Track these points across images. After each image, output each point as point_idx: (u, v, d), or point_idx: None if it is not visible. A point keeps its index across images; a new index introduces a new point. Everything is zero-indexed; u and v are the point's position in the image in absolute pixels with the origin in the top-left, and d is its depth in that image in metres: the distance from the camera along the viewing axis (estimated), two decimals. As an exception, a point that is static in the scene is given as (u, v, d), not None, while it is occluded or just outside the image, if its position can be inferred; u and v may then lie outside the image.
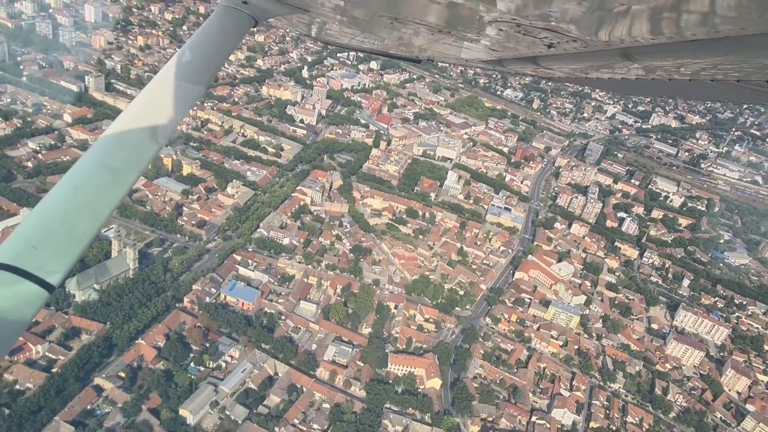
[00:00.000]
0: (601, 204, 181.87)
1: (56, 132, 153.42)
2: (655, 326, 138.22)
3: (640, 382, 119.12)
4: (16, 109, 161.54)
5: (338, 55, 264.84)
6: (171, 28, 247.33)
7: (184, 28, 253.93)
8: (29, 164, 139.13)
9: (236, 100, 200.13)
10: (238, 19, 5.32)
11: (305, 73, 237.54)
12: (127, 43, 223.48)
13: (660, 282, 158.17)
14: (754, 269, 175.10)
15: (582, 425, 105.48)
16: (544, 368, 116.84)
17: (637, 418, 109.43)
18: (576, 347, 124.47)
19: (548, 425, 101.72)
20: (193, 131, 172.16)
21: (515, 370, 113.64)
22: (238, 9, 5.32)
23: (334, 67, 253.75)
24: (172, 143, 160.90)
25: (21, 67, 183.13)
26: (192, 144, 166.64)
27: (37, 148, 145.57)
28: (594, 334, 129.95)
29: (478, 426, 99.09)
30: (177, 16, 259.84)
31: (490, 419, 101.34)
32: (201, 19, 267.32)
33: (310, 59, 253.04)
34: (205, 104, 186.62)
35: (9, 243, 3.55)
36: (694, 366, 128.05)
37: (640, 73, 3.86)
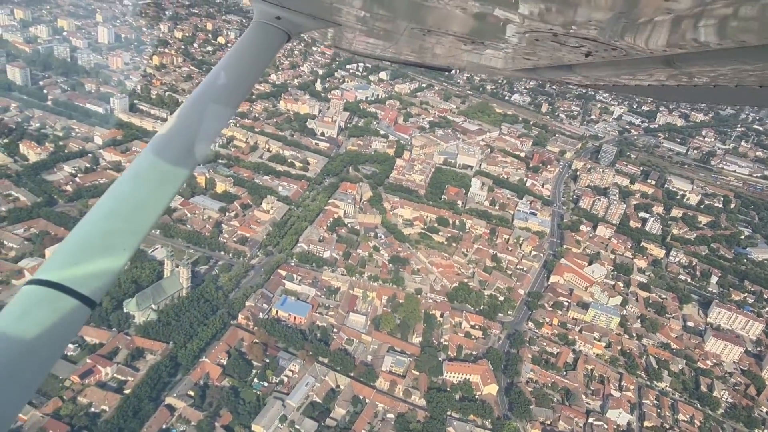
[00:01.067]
0: (624, 205, 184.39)
1: (90, 155, 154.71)
2: (690, 324, 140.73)
3: (685, 380, 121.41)
4: (47, 133, 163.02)
5: (347, 66, 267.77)
6: (183, 47, 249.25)
7: (195, 45, 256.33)
8: (68, 188, 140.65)
9: (256, 115, 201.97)
10: (271, 35, 5.49)
11: (318, 86, 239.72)
12: (143, 63, 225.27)
13: (689, 280, 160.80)
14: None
15: (636, 425, 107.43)
16: (592, 370, 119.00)
17: (687, 416, 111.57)
18: (619, 348, 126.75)
19: (605, 426, 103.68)
20: (221, 148, 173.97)
21: (565, 373, 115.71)
22: (272, 25, 5.50)
23: (346, 79, 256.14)
24: (209, 162, 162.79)
25: (45, 91, 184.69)
26: (221, 161, 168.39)
27: (73, 172, 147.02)
28: (634, 334, 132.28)
29: (538, 429, 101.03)
30: (187, 34, 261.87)
31: (548, 422, 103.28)
32: (210, 36, 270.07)
33: (320, 72, 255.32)
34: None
35: (51, 260, 3.66)
36: (734, 362, 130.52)
37: (682, 80, 3.77)
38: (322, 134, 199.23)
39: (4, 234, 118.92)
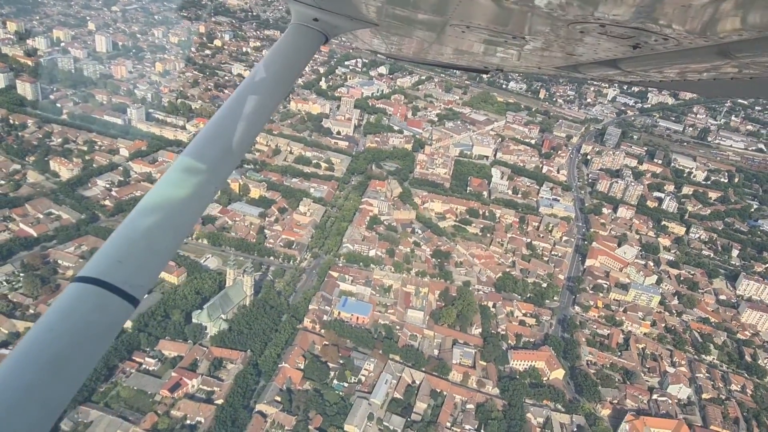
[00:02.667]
0: (642, 186, 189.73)
1: (120, 168, 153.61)
2: (722, 297, 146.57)
3: (729, 352, 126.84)
4: (71, 148, 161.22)
5: (346, 63, 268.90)
6: (181, 51, 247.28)
7: (193, 49, 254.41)
8: (107, 202, 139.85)
9: (271, 118, 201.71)
10: (309, 37, 5.60)
11: (323, 84, 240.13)
12: (147, 71, 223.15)
13: (712, 255, 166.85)
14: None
15: (695, 398, 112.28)
16: (643, 348, 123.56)
17: (739, 386, 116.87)
18: (663, 325, 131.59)
19: (669, 401, 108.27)
20: (246, 153, 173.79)
21: (620, 354, 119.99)
22: (309, 26, 5.59)
23: (348, 76, 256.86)
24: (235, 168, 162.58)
25: (58, 105, 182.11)
26: (247, 166, 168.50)
27: (108, 186, 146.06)
28: (674, 311, 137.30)
29: (609, 409, 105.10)
30: (182, 38, 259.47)
31: (616, 401, 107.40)
32: (204, 39, 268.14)
33: (321, 70, 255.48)
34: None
35: (96, 258, 3.76)
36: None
37: (735, 73, 3.54)
38: (338, 133, 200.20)
39: (57, 254, 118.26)
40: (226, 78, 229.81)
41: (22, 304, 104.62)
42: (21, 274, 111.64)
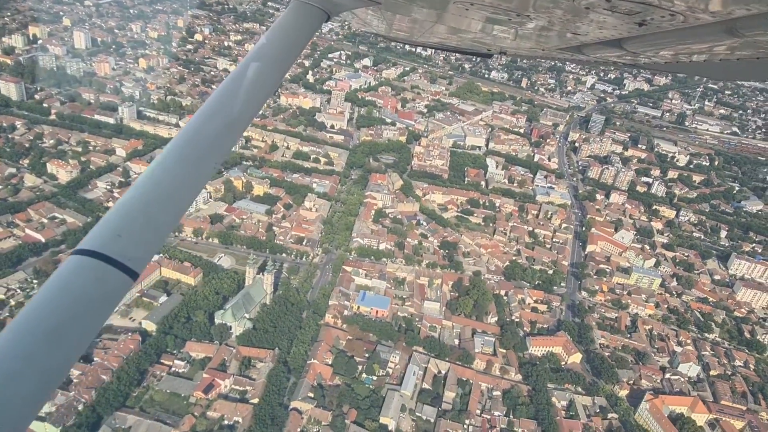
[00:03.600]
0: (632, 172, 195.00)
1: (119, 168, 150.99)
2: (717, 277, 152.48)
3: (730, 329, 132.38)
4: (65, 149, 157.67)
5: (330, 55, 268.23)
6: (162, 46, 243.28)
7: (174, 44, 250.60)
8: (110, 204, 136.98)
9: (263, 113, 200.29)
10: (311, 14, 5.52)
11: (310, 77, 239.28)
12: (130, 68, 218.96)
13: (702, 237, 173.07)
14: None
15: (703, 375, 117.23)
16: (650, 329, 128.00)
17: (742, 361, 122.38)
18: (666, 306, 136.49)
19: (681, 379, 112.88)
20: (244, 150, 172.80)
21: (629, 336, 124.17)
22: (311, 4, 5.53)
23: (333, 69, 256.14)
24: (235, 166, 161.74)
25: (45, 105, 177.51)
26: (246, 163, 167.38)
27: (108, 187, 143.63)
28: (674, 293, 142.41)
29: (626, 390, 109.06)
30: (161, 33, 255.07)
31: (631, 382, 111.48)
32: (184, 33, 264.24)
33: (306, 63, 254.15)
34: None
35: (95, 231, 3.77)
36: (763, 308, 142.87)
37: (741, 53, 3.39)
38: (332, 127, 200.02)
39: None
40: (212, 73, 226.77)
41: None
42: (35, 281, 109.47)
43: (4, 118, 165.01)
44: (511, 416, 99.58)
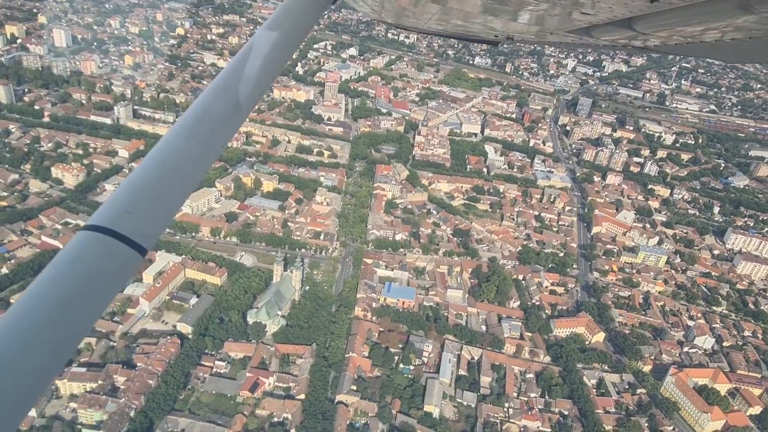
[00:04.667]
0: (626, 153, 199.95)
1: (125, 170, 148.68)
2: (716, 252, 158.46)
3: (735, 301, 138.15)
4: (65, 152, 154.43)
5: (315, 45, 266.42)
6: (145, 42, 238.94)
7: (156, 39, 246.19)
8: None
9: (259, 107, 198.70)
10: None
11: (300, 69, 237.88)
12: (117, 65, 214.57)
13: (697, 213, 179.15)
14: (755, 187, 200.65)
15: (717, 347, 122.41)
16: (662, 305, 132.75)
17: (750, 332, 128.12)
18: (674, 282, 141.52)
19: (699, 352, 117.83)
20: (246, 146, 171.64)
21: (644, 312, 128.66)
22: None
23: (321, 60, 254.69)
24: (240, 162, 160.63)
25: (36, 107, 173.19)
26: (249, 159, 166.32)
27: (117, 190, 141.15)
28: (679, 269, 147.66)
29: (649, 365, 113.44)
30: (143, 28, 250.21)
31: (652, 357, 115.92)
32: (165, 27, 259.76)
33: (294, 55, 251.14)
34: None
35: (105, 208, 3.75)
36: (762, 279, 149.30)
37: (757, 31, 3.26)
38: (329, 119, 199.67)
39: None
40: (200, 68, 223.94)
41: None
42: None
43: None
44: (546, 397, 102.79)
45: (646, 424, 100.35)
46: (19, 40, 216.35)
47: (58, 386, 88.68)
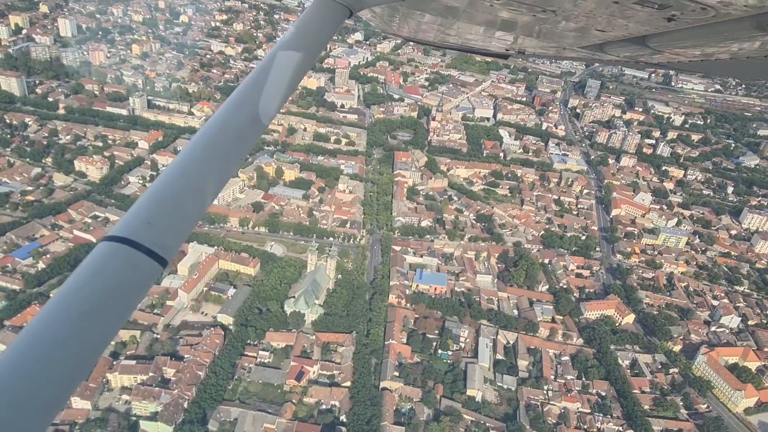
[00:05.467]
0: (639, 135, 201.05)
1: (146, 162, 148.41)
2: (733, 232, 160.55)
3: (755, 281, 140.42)
4: (84, 145, 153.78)
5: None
6: (149, 30, 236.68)
7: (161, 27, 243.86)
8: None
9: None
10: (333, 10, 5.54)
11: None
12: (126, 55, 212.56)
13: (712, 194, 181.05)
14: (766, 167, 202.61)
15: (741, 325, 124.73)
16: (686, 286, 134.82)
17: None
18: (695, 263, 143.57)
19: (726, 331, 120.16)
20: (264, 135, 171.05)
21: (669, 293, 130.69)
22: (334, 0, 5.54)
23: (329, 46, 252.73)
24: (259, 151, 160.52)
25: (50, 99, 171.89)
26: (267, 147, 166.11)
27: (141, 182, 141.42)
28: (699, 250, 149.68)
29: (680, 345, 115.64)
30: (146, 16, 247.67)
31: (681, 337, 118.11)
32: (168, 15, 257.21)
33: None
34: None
35: (126, 219, 3.78)
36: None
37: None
38: (342, 106, 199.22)
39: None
40: (208, 56, 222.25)
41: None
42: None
43: (12, 115, 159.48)
44: (583, 379, 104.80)
45: (681, 403, 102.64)
46: (24, 31, 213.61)
47: (109, 379, 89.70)
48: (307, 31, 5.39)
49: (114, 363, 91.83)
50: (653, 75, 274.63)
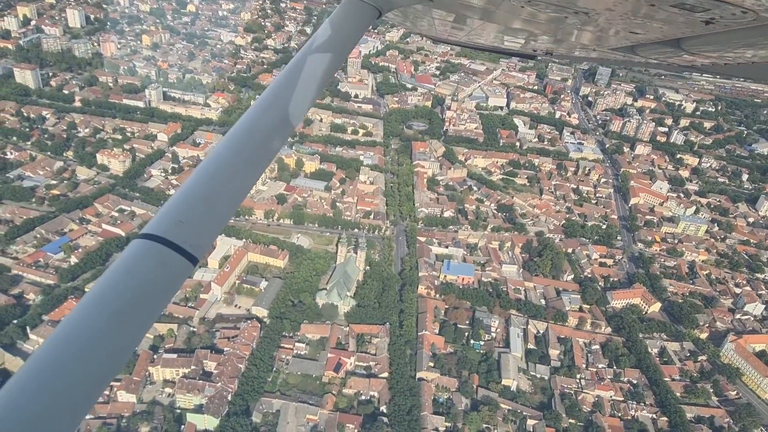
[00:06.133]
0: (653, 124, 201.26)
1: (167, 154, 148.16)
2: (750, 219, 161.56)
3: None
4: (104, 138, 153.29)
5: (326, 19, 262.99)
6: (158, 20, 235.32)
7: (168, 17, 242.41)
8: (171, 192, 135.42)
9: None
10: (362, 11, 5.56)
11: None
12: (132, 45, 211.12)
13: (727, 181, 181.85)
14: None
15: (765, 312, 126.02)
16: (708, 274, 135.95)
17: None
18: (715, 251, 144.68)
19: (751, 318, 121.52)
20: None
21: (692, 281, 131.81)
22: (363, 0, 5.54)
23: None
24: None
25: (65, 91, 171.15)
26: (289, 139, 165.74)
27: (163, 175, 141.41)
28: (718, 237, 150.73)
29: (706, 332, 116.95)
30: (153, 5, 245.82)
31: (707, 325, 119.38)
32: (174, 4, 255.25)
33: (308, 30, 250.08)
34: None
35: (158, 217, 3.90)
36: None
37: None
38: (356, 96, 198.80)
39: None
40: (218, 47, 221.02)
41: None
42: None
43: (30, 108, 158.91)
44: (615, 367, 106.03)
45: (711, 390, 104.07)
46: (33, 22, 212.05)
47: (152, 372, 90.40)
48: (336, 31, 5.46)
49: (155, 357, 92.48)
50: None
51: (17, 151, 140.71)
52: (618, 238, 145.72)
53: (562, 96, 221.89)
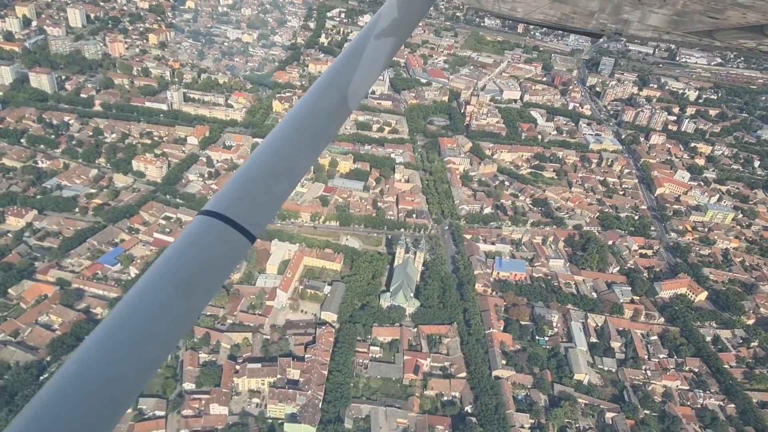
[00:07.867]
0: (666, 113, 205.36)
1: (201, 159, 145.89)
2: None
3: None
4: (133, 143, 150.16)
5: (328, 14, 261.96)
6: (159, 18, 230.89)
7: (170, 14, 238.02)
8: (210, 197, 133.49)
9: (300, 84, 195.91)
10: None
11: (324, 40, 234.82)
12: (135, 44, 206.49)
13: (741, 168, 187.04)
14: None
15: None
16: (741, 261, 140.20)
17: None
18: (744, 238, 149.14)
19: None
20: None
21: (729, 269, 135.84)
22: None
23: (342, 30, 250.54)
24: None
25: (82, 95, 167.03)
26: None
27: (201, 180, 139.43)
28: (743, 224, 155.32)
29: (752, 319, 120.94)
30: (152, 2, 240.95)
31: (752, 311, 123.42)
32: (175, 2, 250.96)
33: (311, 25, 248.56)
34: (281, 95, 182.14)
35: (220, 194, 4.07)
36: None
37: None
38: (373, 92, 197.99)
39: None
40: (226, 44, 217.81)
41: (218, 316, 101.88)
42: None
43: (51, 113, 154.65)
44: (675, 357, 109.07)
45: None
46: (33, 23, 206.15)
47: (237, 383, 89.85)
48: (396, 13, 5.39)
49: (237, 367, 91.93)
50: (657, 50, 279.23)
51: (48, 160, 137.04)
52: (652, 228, 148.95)
53: (571, 87, 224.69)
